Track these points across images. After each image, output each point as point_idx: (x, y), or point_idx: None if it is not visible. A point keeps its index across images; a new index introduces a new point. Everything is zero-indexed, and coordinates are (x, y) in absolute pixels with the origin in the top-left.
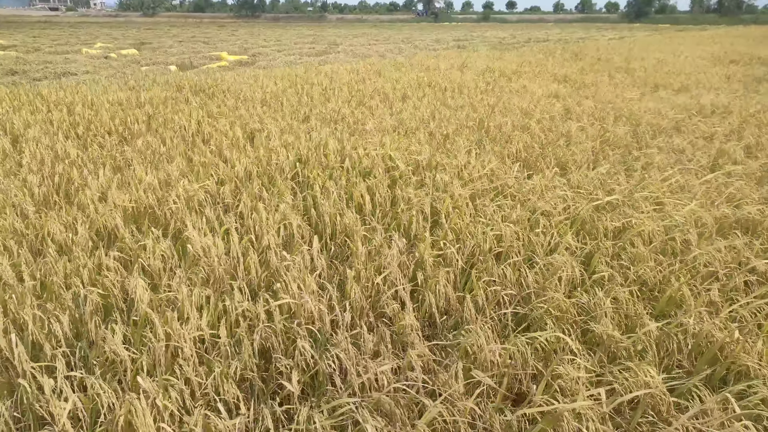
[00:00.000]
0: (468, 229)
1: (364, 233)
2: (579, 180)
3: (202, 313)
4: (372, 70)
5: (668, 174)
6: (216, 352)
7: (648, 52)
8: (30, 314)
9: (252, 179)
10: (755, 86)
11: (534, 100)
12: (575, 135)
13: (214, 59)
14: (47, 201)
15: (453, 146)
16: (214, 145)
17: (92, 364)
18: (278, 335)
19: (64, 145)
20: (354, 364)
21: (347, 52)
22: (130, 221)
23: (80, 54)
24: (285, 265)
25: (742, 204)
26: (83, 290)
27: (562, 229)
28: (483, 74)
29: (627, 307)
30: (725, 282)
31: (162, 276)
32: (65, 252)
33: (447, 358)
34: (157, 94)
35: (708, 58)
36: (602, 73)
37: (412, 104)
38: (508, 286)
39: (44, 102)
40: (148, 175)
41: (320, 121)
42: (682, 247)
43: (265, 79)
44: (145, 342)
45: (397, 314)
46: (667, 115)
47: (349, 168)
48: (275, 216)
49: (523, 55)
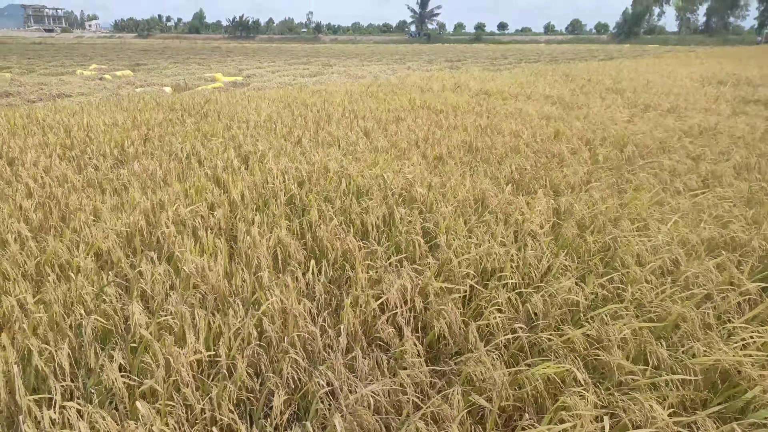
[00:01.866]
0: (463, 250)
1: (366, 261)
2: (571, 201)
3: (198, 335)
4: (366, 92)
5: (659, 197)
6: (213, 373)
7: (637, 73)
8: (36, 345)
9: (246, 202)
10: (743, 107)
11: (527, 121)
12: (567, 157)
13: (209, 80)
14: (43, 226)
15: (446, 168)
16: (209, 167)
17: (90, 393)
18: (269, 352)
19: (59, 168)
20: (344, 383)
21: (341, 72)
22: (125, 245)
23: (75, 75)
24: (276, 284)
25: (729, 224)
26: (84, 319)
27: (549, 247)
28: (476, 95)
29: (637, 338)
30: (718, 303)
31: (157, 299)
32: (64, 278)
33: (442, 380)
34: (153, 116)
35: (696, 79)
36: (593, 95)
37: (406, 126)
38: (505, 310)
39: (39, 125)
40: (143, 198)
41: (314, 142)
42: (672, 267)
43: (259, 100)
44: (144, 367)
45: (392, 339)
46: (657, 137)
47: (344, 190)
48: (270, 241)
49: (515, 76)
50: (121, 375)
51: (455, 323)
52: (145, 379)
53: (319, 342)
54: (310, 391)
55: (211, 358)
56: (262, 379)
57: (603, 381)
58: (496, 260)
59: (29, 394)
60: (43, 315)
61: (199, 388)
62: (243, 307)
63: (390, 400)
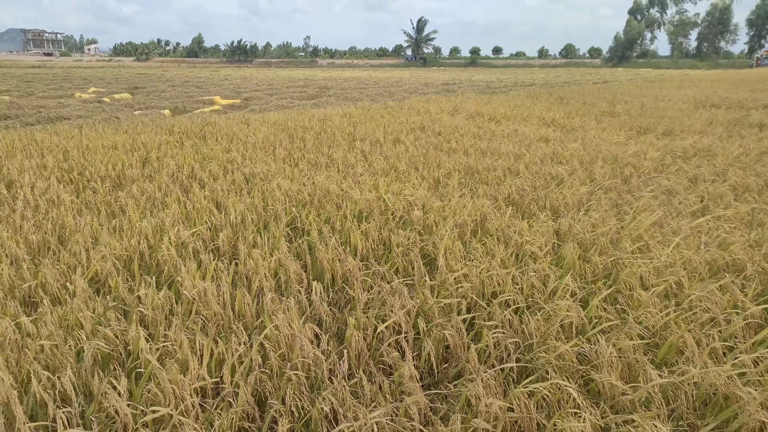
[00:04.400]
0: (464, 272)
1: (364, 278)
2: (570, 222)
3: (201, 360)
4: (364, 114)
5: (659, 218)
6: (216, 402)
7: (631, 96)
8: (34, 372)
9: (247, 225)
10: (737, 130)
11: (524, 143)
12: (566, 179)
13: (207, 103)
14: (41, 249)
15: (446, 190)
16: (208, 190)
17: (90, 420)
18: (273, 378)
19: (57, 190)
20: (347, 409)
21: (339, 96)
22: (123, 269)
23: (73, 98)
24: (279, 308)
25: (730, 245)
26: (86, 344)
27: (551, 269)
28: (473, 118)
29: (629, 356)
30: (725, 327)
31: (159, 325)
32: (61, 302)
33: (444, 405)
34: (152, 138)
35: (690, 102)
36: (588, 117)
37: (404, 148)
38: (508, 333)
39: (38, 147)
40: (142, 222)
41: (313, 165)
42: (676, 290)
43: (258, 123)
44: (146, 394)
45: (395, 362)
46: (654, 158)
47: (345, 213)
48: (271, 263)
49: (511, 99)
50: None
51: (458, 345)
52: (146, 407)
53: (324, 367)
54: (314, 418)
55: (215, 385)
56: (265, 406)
57: (599, 404)
58: (496, 282)
59: (28, 422)
60: (44, 342)
61: (199, 417)
62: (246, 332)
63: (394, 426)
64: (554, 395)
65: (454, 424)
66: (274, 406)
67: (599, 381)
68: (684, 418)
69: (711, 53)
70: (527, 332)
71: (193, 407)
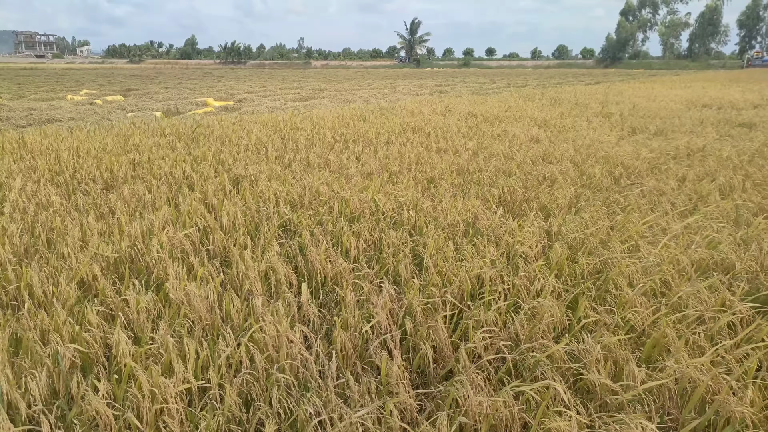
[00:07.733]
0: (453, 272)
1: (354, 280)
2: (560, 222)
3: (187, 363)
4: (356, 116)
5: (649, 218)
6: (201, 405)
7: (623, 96)
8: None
9: (238, 226)
10: (728, 130)
11: (516, 144)
12: (557, 179)
13: (200, 105)
14: (28, 251)
15: (437, 190)
16: (200, 191)
17: (72, 423)
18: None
19: (47, 192)
20: (331, 410)
21: (332, 97)
22: (112, 271)
23: (65, 101)
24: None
25: (718, 245)
26: (62, 347)
27: (541, 270)
28: (465, 119)
29: (616, 353)
30: (711, 325)
31: (145, 328)
32: (45, 305)
33: (431, 405)
34: (143, 140)
35: (681, 102)
36: (580, 118)
37: (396, 149)
38: (496, 333)
39: (28, 150)
40: (132, 224)
41: (305, 166)
42: (664, 288)
43: (251, 124)
44: (128, 397)
45: (383, 362)
46: (645, 158)
47: (337, 214)
48: (261, 265)
49: (504, 100)
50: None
51: (445, 345)
52: (129, 410)
53: (313, 368)
54: (299, 419)
55: (201, 385)
56: (252, 408)
57: (587, 404)
58: (485, 281)
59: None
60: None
61: (184, 421)
62: (234, 334)
63: (380, 428)
64: (543, 396)
65: (440, 424)
66: (261, 408)
67: (588, 379)
68: (667, 412)
69: (702, 54)
70: (514, 330)
71: (177, 411)
